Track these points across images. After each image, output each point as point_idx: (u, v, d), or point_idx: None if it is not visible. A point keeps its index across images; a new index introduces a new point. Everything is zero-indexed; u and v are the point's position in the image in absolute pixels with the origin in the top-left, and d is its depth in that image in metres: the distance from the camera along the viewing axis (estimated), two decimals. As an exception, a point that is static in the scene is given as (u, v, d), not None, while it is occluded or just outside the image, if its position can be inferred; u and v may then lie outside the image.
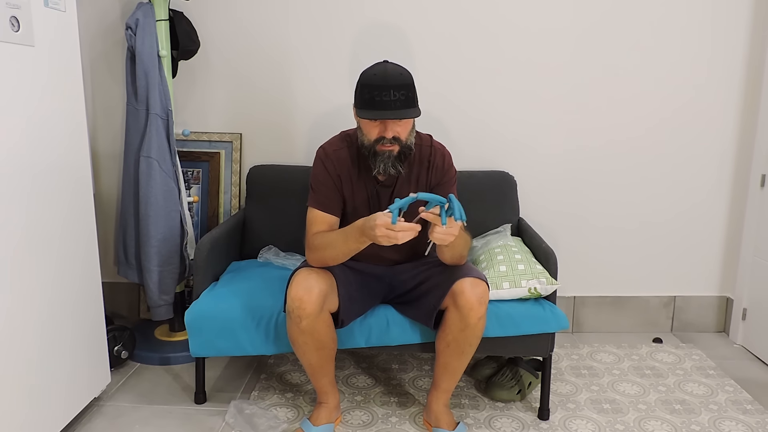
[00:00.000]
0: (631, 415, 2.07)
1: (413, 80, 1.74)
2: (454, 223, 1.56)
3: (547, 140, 2.62)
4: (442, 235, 1.57)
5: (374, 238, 1.58)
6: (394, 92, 1.68)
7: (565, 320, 1.94)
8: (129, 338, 2.31)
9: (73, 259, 1.83)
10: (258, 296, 1.97)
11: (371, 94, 1.69)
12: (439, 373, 1.89)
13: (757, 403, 2.15)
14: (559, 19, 2.53)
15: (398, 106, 1.69)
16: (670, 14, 2.53)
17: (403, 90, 1.69)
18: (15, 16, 1.53)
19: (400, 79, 1.70)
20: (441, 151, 1.92)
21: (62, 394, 1.80)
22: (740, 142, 2.65)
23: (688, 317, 2.79)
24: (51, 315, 1.72)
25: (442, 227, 1.55)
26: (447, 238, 1.58)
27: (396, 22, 2.51)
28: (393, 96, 1.68)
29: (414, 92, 1.73)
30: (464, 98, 2.58)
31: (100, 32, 2.52)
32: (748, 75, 2.59)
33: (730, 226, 2.73)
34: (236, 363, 2.39)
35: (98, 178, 2.61)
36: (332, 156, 1.86)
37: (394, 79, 1.69)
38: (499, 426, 2.00)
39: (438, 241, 1.59)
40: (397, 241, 1.56)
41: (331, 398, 1.94)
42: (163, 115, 2.26)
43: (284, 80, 2.56)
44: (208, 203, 2.62)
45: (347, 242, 1.69)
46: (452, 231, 1.57)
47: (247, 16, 2.51)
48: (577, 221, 2.69)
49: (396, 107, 1.69)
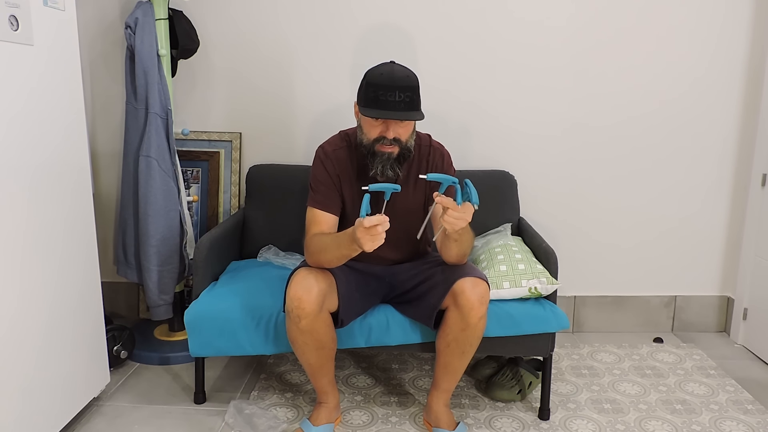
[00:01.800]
0: (631, 415, 2.07)
1: (419, 83, 1.74)
2: (468, 208, 1.54)
3: (547, 140, 2.62)
4: (454, 220, 1.54)
5: (360, 243, 1.56)
6: (399, 93, 1.67)
7: (565, 320, 1.93)
8: (128, 338, 2.30)
9: (73, 259, 1.82)
10: (257, 296, 1.97)
11: (376, 93, 1.68)
12: (440, 373, 1.88)
13: (758, 403, 2.15)
14: (560, 19, 2.52)
15: (402, 108, 1.69)
16: (670, 14, 2.52)
17: (408, 92, 1.69)
18: (14, 15, 1.52)
19: (407, 81, 1.70)
20: (440, 150, 1.91)
21: (61, 393, 1.79)
22: (741, 141, 2.65)
23: (688, 317, 2.79)
24: (50, 315, 1.72)
25: (456, 211, 1.53)
26: (459, 222, 1.55)
27: (395, 21, 2.51)
28: (398, 97, 1.67)
29: (418, 95, 1.73)
30: (464, 97, 2.57)
31: (100, 31, 2.52)
32: (749, 74, 2.59)
33: (730, 225, 2.72)
34: (236, 363, 2.39)
35: (97, 178, 2.61)
36: (332, 156, 1.85)
37: (401, 80, 1.69)
38: (500, 426, 1.99)
39: (449, 226, 1.56)
40: (379, 239, 1.53)
41: (330, 398, 1.93)
42: (162, 114, 2.25)
43: (284, 79, 2.56)
44: (208, 203, 2.62)
45: (340, 248, 1.68)
46: (466, 216, 1.55)
47: (247, 16, 2.51)
48: (578, 221, 2.69)
49: (400, 108, 1.68)
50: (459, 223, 1.55)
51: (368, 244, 1.55)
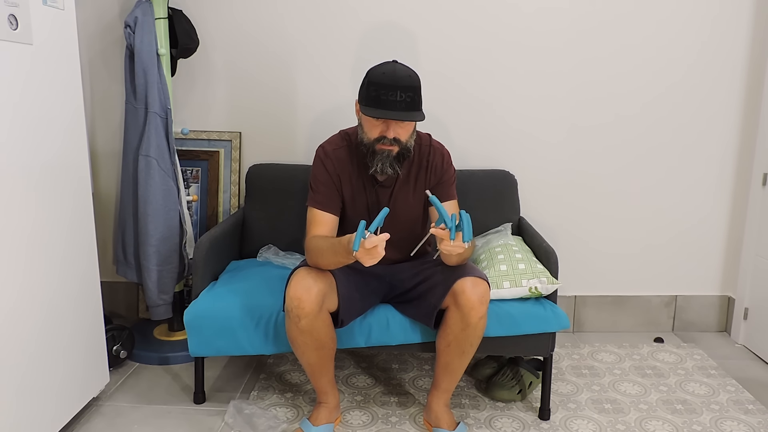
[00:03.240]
0: (632, 415, 2.06)
1: (420, 83, 1.74)
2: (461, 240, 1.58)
3: (548, 139, 2.61)
4: (450, 248, 1.60)
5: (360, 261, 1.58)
6: (401, 93, 1.68)
7: (565, 320, 1.93)
8: (128, 338, 2.30)
9: (72, 258, 1.82)
10: (257, 296, 1.96)
11: (378, 92, 1.68)
12: (440, 373, 1.88)
13: (759, 403, 2.15)
14: (561, 18, 2.52)
15: (403, 108, 1.69)
16: (671, 12, 2.52)
17: (410, 92, 1.69)
18: (13, 14, 1.52)
19: (408, 81, 1.70)
20: (440, 150, 1.91)
21: (60, 393, 1.79)
22: (742, 140, 2.64)
23: (689, 317, 2.78)
24: (49, 314, 1.72)
25: (450, 243, 1.58)
26: (454, 250, 1.60)
27: (396, 20, 2.50)
28: (399, 97, 1.68)
29: (420, 95, 1.73)
30: (465, 97, 2.57)
31: (99, 30, 2.51)
32: (750, 73, 2.58)
33: (731, 225, 2.72)
34: (235, 363, 2.38)
35: (97, 177, 2.60)
36: (332, 155, 1.85)
37: (403, 80, 1.69)
38: (500, 426, 1.99)
39: (445, 252, 1.62)
40: (379, 257, 1.56)
41: (330, 398, 1.93)
42: (162, 113, 2.25)
43: (284, 78, 2.55)
44: (208, 202, 2.61)
45: (336, 255, 1.68)
46: (458, 249, 1.60)
47: (247, 14, 2.50)
48: (578, 220, 2.68)
49: (401, 108, 1.69)
50: (454, 250, 1.60)
51: (368, 262, 1.57)
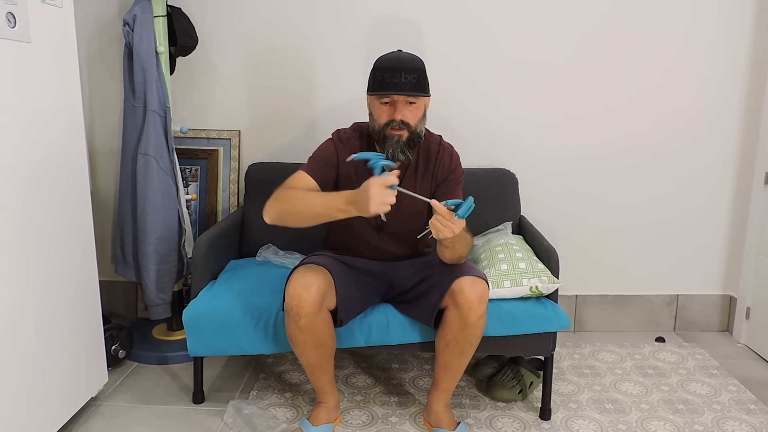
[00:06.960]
0: (633, 415, 2.05)
1: (425, 67, 1.77)
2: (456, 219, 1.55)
3: (548, 138, 2.60)
4: (440, 225, 1.56)
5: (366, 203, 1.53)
6: (405, 75, 1.72)
7: (566, 319, 1.92)
8: (126, 337, 2.29)
9: (70, 258, 1.81)
10: (256, 295, 1.96)
11: (383, 76, 1.73)
12: (440, 373, 1.87)
13: (761, 403, 2.14)
14: (562, 17, 2.51)
15: (408, 88, 1.72)
16: (673, 12, 2.51)
17: (414, 73, 1.73)
18: (11, 12, 1.51)
19: (412, 64, 1.75)
20: (449, 150, 1.94)
21: (59, 393, 1.78)
22: (744, 139, 2.63)
23: (691, 316, 2.78)
24: (47, 314, 1.71)
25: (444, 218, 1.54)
26: (444, 230, 1.56)
27: (398, 19, 2.49)
28: (404, 78, 1.72)
29: (425, 77, 1.77)
30: (465, 95, 2.56)
31: (98, 28, 2.50)
32: (752, 73, 2.57)
33: (733, 224, 2.71)
34: (235, 362, 2.38)
35: (95, 176, 2.60)
36: (345, 141, 1.88)
37: (406, 63, 1.74)
38: (501, 426, 1.98)
39: (434, 230, 1.58)
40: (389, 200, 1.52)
41: (330, 398, 1.92)
42: (160, 112, 2.24)
43: (283, 77, 2.54)
44: (207, 201, 2.60)
45: (327, 205, 1.64)
46: (452, 227, 1.55)
47: (246, 12, 2.50)
48: (579, 219, 2.68)
49: (406, 89, 1.72)
50: (444, 230, 1.56)
51: (376, 202, 1.52)
